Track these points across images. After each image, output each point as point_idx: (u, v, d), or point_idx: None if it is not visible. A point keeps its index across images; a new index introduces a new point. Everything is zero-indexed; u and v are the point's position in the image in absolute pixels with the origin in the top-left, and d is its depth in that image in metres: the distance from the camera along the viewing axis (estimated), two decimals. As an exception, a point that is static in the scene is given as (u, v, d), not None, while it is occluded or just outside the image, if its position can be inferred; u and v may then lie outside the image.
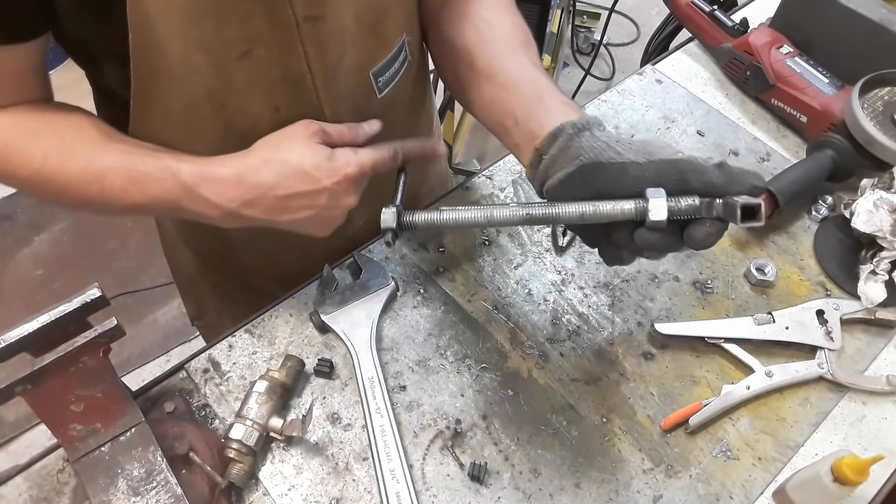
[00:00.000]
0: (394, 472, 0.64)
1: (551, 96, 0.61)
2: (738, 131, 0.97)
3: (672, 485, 0.66)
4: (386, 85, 0.73)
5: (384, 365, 0.72)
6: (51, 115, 0.63)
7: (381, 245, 0.82)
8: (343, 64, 0.66)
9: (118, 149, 0.62)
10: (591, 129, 0.56)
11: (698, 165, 0.53)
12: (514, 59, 0.67)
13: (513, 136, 0.63)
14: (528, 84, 0.63)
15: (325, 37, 0.62)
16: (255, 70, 0.61)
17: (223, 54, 0.59)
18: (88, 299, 0.56)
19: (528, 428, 0.69)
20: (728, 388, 0.70)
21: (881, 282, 0.77)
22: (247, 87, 0.63)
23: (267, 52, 0.60)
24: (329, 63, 0.65)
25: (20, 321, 0.54)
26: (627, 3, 2.78)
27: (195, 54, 0.58)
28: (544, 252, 0.83)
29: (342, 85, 0.68)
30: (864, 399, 0.72)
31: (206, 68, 0.59)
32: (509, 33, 0.70)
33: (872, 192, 0.80)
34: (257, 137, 0.66)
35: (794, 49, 0.96)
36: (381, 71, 0.71)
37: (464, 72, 0.69)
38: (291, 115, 0.65)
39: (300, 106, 0.66)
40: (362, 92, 0.71)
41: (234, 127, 0.66)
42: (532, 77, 0.64)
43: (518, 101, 0.62)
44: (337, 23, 0.63)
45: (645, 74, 1.04)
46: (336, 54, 0.65)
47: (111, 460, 0.60)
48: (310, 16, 0.60)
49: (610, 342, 0.75)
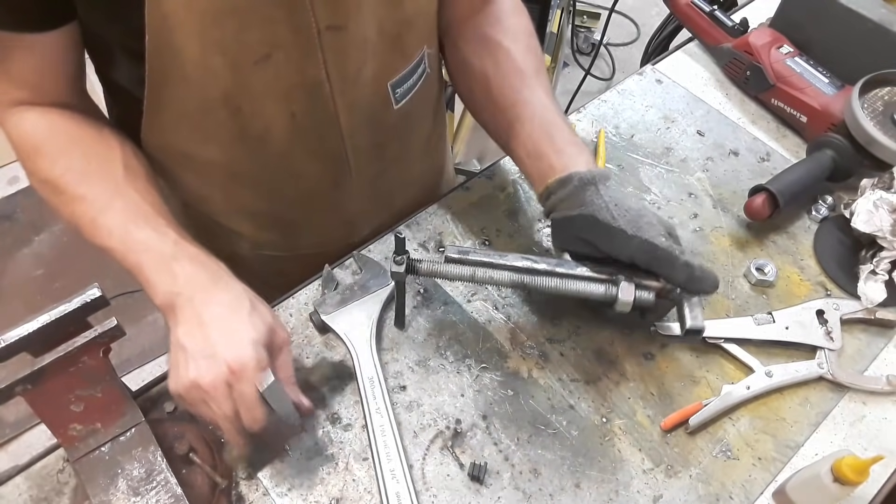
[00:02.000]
0: (394, 472, 0.64)
1: (561, 135, 0.69)
2: (738, 131, 0.97)
3: (672, 485, 0.66)
4: (403, 96, 0.72)
5: (384, 365, 0.72)
6: (88, 135, 0.63)
7: (381, 245, 0.82)
8: (362, 74, 0.66)
9: (132, 200, 0.61)
10: (597, 183, 0.65)
11: (670, 258, 0.63)
12: (527, 91, 0.71)
13: (524, 165, 0.71)
14: (538, 120, 0.70)
15: (346, 46, 0.62)
16: (272, 75, 0.61)
17: (242, 58, 0.59)
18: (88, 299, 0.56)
19: (528, 428, 0.69)
20: (728, 388, 0.70)
21: (881, 282, 0.77)
22: (264, 91, 0.62)
23: (286, 58, 0.60)
24: (348, 72, 0.65)
25: (20, 321, 0.54)
26: (627, 3, 2.78)
27: (213, 57, 0.58)
28: (544, 252, 0.83)
29: (359, 94, 0.68)
30: (864, 399, 0.72)
31: (223, 71, 0.59)
32: (525, 62, 0.73)
33: (872, 192, 0.80)
34: (271, 142, 0.66)
35: (794, 49, 0.96)
36: (399, 82, 0.70)
37: (479, 95, 0.74)
38: (307, 121, 0.66)
39: (316, 113, 0.66)
40: (379, 102, 0.71)
41: (249, 131, 0.65)
42: (542, 112, 0.70)
43: (530, 136, 0.69)
44: (360, 33, 0.62)
45: (645, 74, 1.04)
46: (356, 64, 0.65)
47: (111, 460, 0.60)
48: (332, 25, 0.60)
49: (610, 342, 0.75)
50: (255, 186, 0.74)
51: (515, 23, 0.76)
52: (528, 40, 0.76)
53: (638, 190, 0.89)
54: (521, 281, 0.69)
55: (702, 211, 0.88)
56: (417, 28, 0.69)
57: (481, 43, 0.74)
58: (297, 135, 0.67)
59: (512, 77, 0.72)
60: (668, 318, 0.75)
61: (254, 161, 0.70)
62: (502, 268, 0.70)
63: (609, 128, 0.96)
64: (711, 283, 0.64)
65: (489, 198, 0.88)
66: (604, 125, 0.96)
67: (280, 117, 0.65)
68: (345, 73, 0.64)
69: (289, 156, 0.70)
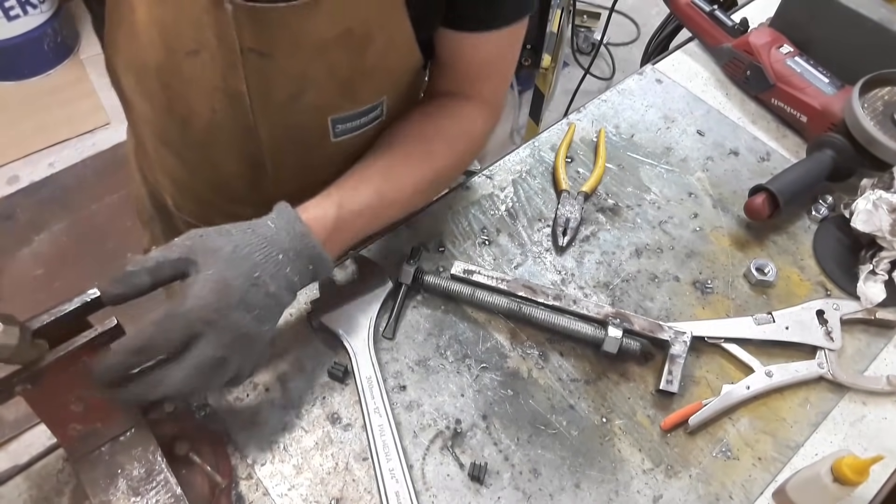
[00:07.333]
0: (393, 472, 0.64)
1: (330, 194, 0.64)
2: (738, 131, 0.97)
3: (672, 485, 0.66)
4: (345, 133, 0.70)
5: (384, 365, 0.72)
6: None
7: (380, 245, 0.82)
8: (298, 100, 0.64)
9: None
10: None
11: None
12: (391, 166, 0.69)
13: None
14: (357, 171, 0.67)
15: (272, 72, 0.61)
16: (199, 70, 0.61)
17: (176, 44, 0.59)
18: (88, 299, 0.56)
19: (528, 428, 0.69)
20: (728, 388, 0.70)
21: (881, 282, 0.77)
22: (190, 80, 0.62)
23: (211, 60, 0.60)
24: (274, 95, 0.64)
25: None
26: (627, 3, 2.78)
27: (154, 30, 0.59)
28: (544, 252, 0.83)
29: (287, 116, 0.66)
30: (864, 399, 0.72)
31: (159, 47, 0.60)
32: (431, 159, 0.71)
33: (872, 192, 0.80)
34: (194, 126, 0.66)
35: (794, 49, 0.96)
36: (343, 120, 0.68)
37: (390, 132, 0.72)
38: (227, 121, 0.65)
39: (236, 118, 0.65)
40: (315, 129, 0.68)
41: (175, 108, 0.66)
42: (359, 182, 0.66)
43: (343, 182, 0.66)
44: (295, 66, 0.61)
45: (645, 74, 1.04)
46: (285, 90, 0.63)
47: (111, 460, 0.60)
48: (254, 49, 0.59)
49: (610, 342, 0.75)
50: (179, 157, 0.75)
51: (469, 127, 0.74)
52: (463, 147, 0.74)
53: (638, 190, 0.89)
54: (518, 310, 0.74)
55: (702, 211, 0.87)
56: (375, 79, 0.67)
57: (432, 110, 0.73)
58: (216, 129, 0.67)
59: (408, 145, 0.71)
60: (668, 317, 0.75)
61: (179, 136, 0.70)
62: (502, 293, 0.75)
63: (609, 127, 0.96)
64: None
65: (489, 198, 0.88)
66: (604, 125, 0.96)
67: (203, 108, 0.65)
68: (268, 94, 0.63)
69: (208, 145, 0.70)
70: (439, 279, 0.76)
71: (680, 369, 0.71)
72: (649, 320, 0.74)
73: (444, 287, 0.76)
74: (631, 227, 0.86)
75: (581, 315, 0.74)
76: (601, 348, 0.71)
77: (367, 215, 0.65)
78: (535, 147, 0.93)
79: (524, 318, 0.75)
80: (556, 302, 0.75)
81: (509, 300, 0.75)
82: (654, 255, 0.83)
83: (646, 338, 0.73)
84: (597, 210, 0.87)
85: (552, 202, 0.87)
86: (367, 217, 0.65)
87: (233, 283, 0.53)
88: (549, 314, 0.74)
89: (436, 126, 0.72)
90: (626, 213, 0.87)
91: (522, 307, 0.74)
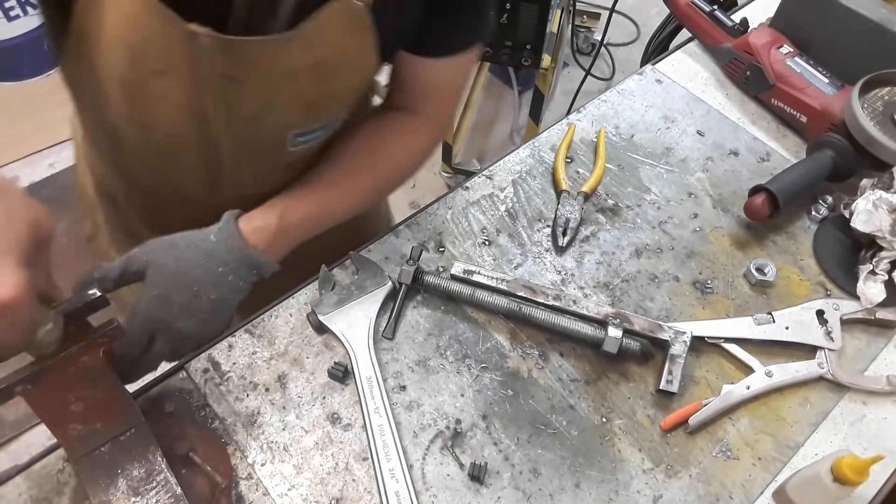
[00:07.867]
0: (393, 472, 0.64)
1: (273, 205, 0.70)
2: (738, 131, 0.97)
3: (672, 485, 0.66)
4: (302, 144, 0.72)
5: (384, 365, 0.72)
6: None
7: (379, 246, 0.82)
8: (263, 119, 0.66)
9: None
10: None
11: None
12: (337, 177, 0.74)
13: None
14: (303, 183, 0.72)
15: (240, 95, 0.62)
16: (165, 89, 0.62)
17: (144, 63, 0.60)
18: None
19: (528, 428, 0.69)
20: (728, 388, 0.70)
21: (880, 282, 0.77)
22: (156, 96, 0.63)
23: (178, 82, 0.61)
24: (239, 114, 0.65)
25: (20, 321, 0.54)
26: (627, 3, 2.78)
27: (119, 47, 0.58)
28: (544, 252, 0.83)
29: (251, 130, 0.68)
30: (864, 399, 0.72)
31: (125, 64, 0.60)
32: (373, 165, 0.76)
33: (872, 192, 0.80)
34: (155, 135, 0.67)
35: (794, 49, 0.96)
36: (303, 133, 0.70)
37: (343, 142, 0.76)
38: (189, 132, 0.66)
39: (199, 131, 0.66)
40: (274, 142, 0.70)
41: (136, 118, 0.66)
42: (309, 184, 0.72)
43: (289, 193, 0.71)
44: (265, 90, 0.63)
45: (645, 74, 1.04)
46: (251, 110, 0.65)
47: (111, 460, 0.60)
48: (227, 75, 0.60)
49: (610, 342, 0.75)
50: (136, 159, 0.75)
51: (411, 143, 0.79)
52: (405, 162, 0.79)
53: (638, 190, 0.89)
54: (518, 310, 0.75)
55: (702, 211, 0.88)
56: (339, 100, 0.69)
57: (383, 124, 0.77)
58: (178, 139, 0.68)
59: (354, 156, 0.75)
60: (668, 317, 0.75)
61: (138, 141, 0.71)
62: (502, 293, 0.76)
63: (609, 127, 0.96)
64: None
65: (489, 198, 0.88)
66: (604, 125, 0.96)
67: (166, 122, 0.66)
68: (234, 113, 0.65)
69: (168, 152, 0.71)
70: (439, 279, 0.76)
71: (680, 369, 0.71)
72: (649, 320, 0.74)
73: (444, 287, 0.76)
74: (631, 227, 0.86)
75: (581, 315, 0.74)
76: (601, 348, 0.71)
77: (307, 224, 0.71)
78: (535, 147, 0.93)
79: (524, 319, 0.75)
80: (556, 302, 0.75)
81: (509, 300, 0.75)
82: (654, 255, 0.83)
83: (646, 338, 0.73)
84: (597, 210, 0.87)
85: (552, 202, 0.87)
86: (308, 226, 0.71)
87: (174, 298, 0.63)
88: (549, 314, 0.74)
89: (382, 140, 0.77)
90: (626, 213, 0.87)
91: (522, 307, 0.74)
